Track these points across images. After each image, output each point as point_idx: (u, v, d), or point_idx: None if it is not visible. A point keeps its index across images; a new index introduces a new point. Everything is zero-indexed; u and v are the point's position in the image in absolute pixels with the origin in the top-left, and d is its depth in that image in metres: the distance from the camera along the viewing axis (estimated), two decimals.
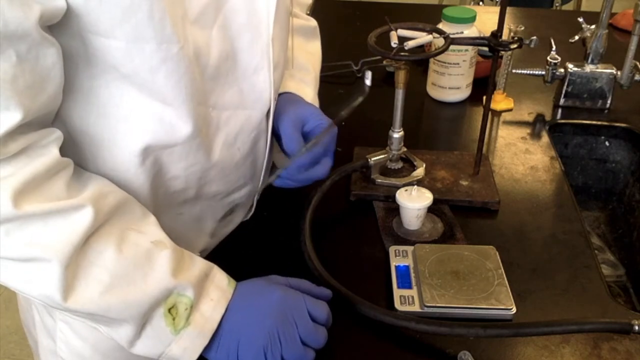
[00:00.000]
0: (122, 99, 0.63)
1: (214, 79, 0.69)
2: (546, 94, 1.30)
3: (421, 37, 0.88)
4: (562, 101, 1.26)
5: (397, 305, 0.78)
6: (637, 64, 1.19)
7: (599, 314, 0.80)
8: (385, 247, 0.88)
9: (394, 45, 0.86)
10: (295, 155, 0.78)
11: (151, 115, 0.65)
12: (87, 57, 0.60)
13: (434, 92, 1.28)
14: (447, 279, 0.80)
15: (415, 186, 0.93)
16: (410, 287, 0.80)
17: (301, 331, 0.67)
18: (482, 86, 1.13)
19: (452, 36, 0.90)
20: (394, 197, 0.92)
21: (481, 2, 2.80)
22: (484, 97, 0.97)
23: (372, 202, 0.98)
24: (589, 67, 1.23)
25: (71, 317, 0.75)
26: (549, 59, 1.23)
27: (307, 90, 0.89)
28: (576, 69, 1.23)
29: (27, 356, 1.93)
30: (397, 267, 0.83)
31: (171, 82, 0.63)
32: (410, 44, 0.86)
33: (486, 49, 0.92)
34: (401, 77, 0.91)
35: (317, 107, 0.87)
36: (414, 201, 0.90)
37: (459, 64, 1.22)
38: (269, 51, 0.72)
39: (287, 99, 0.84)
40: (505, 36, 1.03)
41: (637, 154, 1.21)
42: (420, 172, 1.01)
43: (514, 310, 0.77)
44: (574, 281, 0.84)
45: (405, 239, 0.90)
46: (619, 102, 1.26)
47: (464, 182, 1.00)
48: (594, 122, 1.22)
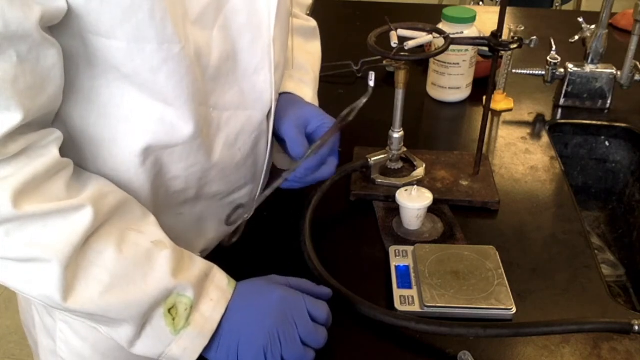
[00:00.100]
0: (122, 99, 0.63)
1: (215, 79, 0.69)
2: (546, 94, 1.30)
3: (421, 37, 0.88)
4: (562, 101, 1.26)
5: (397, 305, 0.78)
6: (637, 64, 1.19)
7: (599, 314, 0.80)
8: (385, 247, 0.88)
9: (394, 45, 0.86)
10: (302, 158, 0.78)
11: (152, 115, 0.65)
12: (87, 57, 0.60)
13: (434, 92, 1.28)
14: (447, 279, 0.80)
15: (415, 186, 0.93)
16: (410, 287, 0.80)
17: (301, 331, 0.67)
18: (482, 86, 1.13)
19: (452, 36, 0.90)
20: (394, 197, 0.92)
21: (481, 2, 2.80)
22: (484, 97, 0.97)
23: (372, 202, 0.98)
24: (589, 67, 1.23)
25: (71, 317, 0.75)
26: (549, 59, 1.22)
27: (306, 90, 0.89)
28: (576, 69, 1.23)
29: (27, 356, 1.93)
30: (397, 267, 0.83)
31: (172, 82, 0.63)
32: (410, 44, 0.86)
33: (486, 49, 0.92)
34: (401, 77, 0.91)
35: (317, 106, 0.87)
36: (414, 201, 0.90)
37: (459, 64, 1.22)
38: (269, 52, 0.72)
39: (287, 100, 0.83)
40: (505, 36, 1.03)
41: (637, 154, 1.21)
42: (420, 172, 1.01)
43: (514, 310, 0.77)
44: (574, 281, 0.84)
45: (405, 239, 0.90)
46: (619, 102, 1.26)
47: (464, 182, 1.00)
48: (594, 122, 1.22)
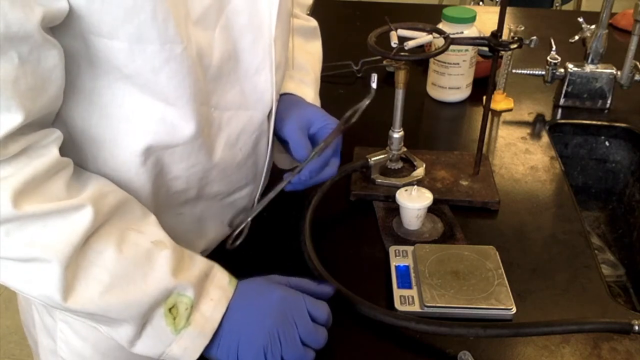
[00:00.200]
0: (124, 99, 0.63)
1: (216, 80, 0.69)
2: (546, 94, 1.30)
3: (421, 37, 0.88)
4: (562, 101, 1.26)
5: (397, 305, 0.78)
6: (637, 64, 1.19)
7: (599, 314, 0.80)
8: (385, 247, 0.88)
9: (394, 45, 0.86)
10: (305, 161, 0.77)
11: (153, 115, 0.65)
12: (89, 57, 0.60)
13: (434, 92, 1.28)
14: (447, 279, 0.80)
15: (415, 186, 0.93)
16: (410, 287, 0.80)
17: (301, 331, 0.67)
18: (482, 86, 1.13)
19: (452, 36, 0.90)
20: (394, 197, 0.92)
21: (481, 2, 2.80)
22: (484, 97, 0.97)
23: (372, 202, 0.98)
24: (589, 67, 1.23)
25: (71, 317, 0.75)
26: (549, 59, 1.22)
27: (306, 90, 0.88)
28: (576, 69, 1.23)
29: (27, 356, 1.93)
30: (397, 267, 0.83)
31: (174, 82, 0.63)
32: (410, 44, 0.86)
33: (486, 49, 0.92)
34: (401, 77, 0.91)
35: (319, 107, 0.87)
36: (414, 201, 0.90)
37: (459, 64, 1.22)
38: (271, 52, 0.72)
39: (289, 101, 0.83)
40: (505, 36, 1.03)
41: (637, 154, 1.21)
42: (420, 172, 1.01)
43: (514, 310, 0.77)
44: (574, 281, 0.84)
45: (405, 239, 0.90)
46: (619, 102, 1.26)
47: (464, 182, 1.00)
48: (594, 122, 1.22)
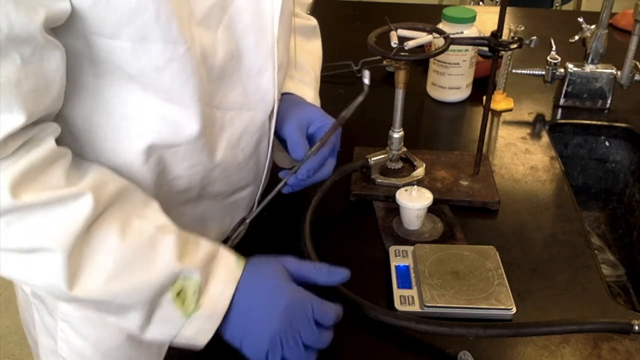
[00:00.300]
0: (127, 98, 0.63)
1: (219, 80, 0.69)
2: (546, 94, 1.30)
3: (421, 37, 0.88)
4: (562, 101, 1.26)
5: (397, 305, 0.78)
6: (637, 64, 1.19)
7: (599, 314, 0.80)
8: (385, 247, 0.88)
9: (394, 45, 0.86)
10: (302, 160, 0.77)
11: (156, 114, 0.65)
12: (91, 57, 0.60)
13: (434, 92, 1.28)
14: (447, 279, 0.80)
15: (415, 186, 0.93)
16: (410, 287, 0.80)
17: (304, 338, 0.66)
18: (482, 86, 1.13)
19: (452, 36, 0.90)
20: (394, 197, 0.92)
21: (481, 2, 2.81)
22: (484, 97, 0.97)
23: (372, 202, 0.98)
24: (589, 67, 1.23)
25: (77, 310, 0.74)
26: (549, 59, 1.22)
27: (306, 90, 0.88)
28: (576, 69, 1.23)
29: (27, 356, 1.93)
30: (397, 267, 0.83)
31: (177, 82, 0.63)
32: (410, 44, 0.86)
33: (486, 49, 0.92)
34: (401, 77, 0.91)
35: (319, 107, 0.87)
36: (414, 201, 0.90)
37: (459, 64, 1.22)
38: (273, 52, 0.72)
39: (289, 100, 0.83)
40: (505, 36, 1.03)
41: (637, 154, 1.21)
42: (420, 172, 1.01)
43: (514, 310, 0.77)
44: (574, 281, 0.84)
45: (405, 239, 0.90)
46: (619, 102, 1.26)
47: (464, 182, 1.00)
48: (594, 122, 1.22)
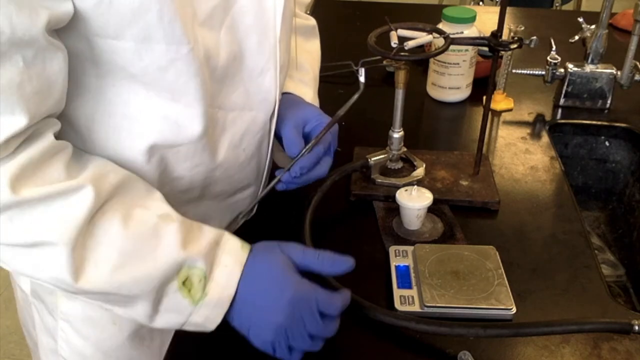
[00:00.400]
0: (129, 98, 0.63)
1: (222, 80, 0.69)
2: (546, 94, 1.29)
3: (421, 37, 0.88)
4: (562, 101, 1.26)
5: (397, 305, 0.78)
6: (637, 64, 1.19)
7: (599, 314, 0.80)
8: (385, 247, 0.88)
9: (394, 45, 0.86)
10: (296, 157, 0.78)
11: (158, 114, 0.65)
12: (93, 57, 0.60)
13: (434, 92, 1.28)
14: (447, 279, 0.80)
15: (415, 186, 0.93)
16: (410, 287, 0.80)
17: (309, 329, 0.66)
18: (482, 86, 1.13)
19: (452, 36, 0.90)
20: (394, 197, 0.92)
21: (481, 2, 2.81)
22: (484, 97, 0.97)
23: (372, 202, 0.98)
24: (589, 67, 1.23)
25: (85, 301, 0.73)
26: (549, 59, 1.22)
27: (305, 90, 0.89)
28: (576, 69, 1.23)
29: (27, 356, 1.93)
30: (397, 267, 0.83)
31: (180, 81, 0.63)
32: (410, 44, 0.86)
33: (486, 49, 0.92)
34: (401, 77, 0.91)
35: (317, 106, 0.87)
36: (414, 201, 0.90)
37: (459, 64, 1.22)
38: (275, 52, 0.72)
39: (288, 100, 0.83)
40: (505, 36, 1.03)
41: (637, 154, 1.21)
42: (420, 172, 1.01)
43: (514, 310, 0.77)
44: (574, 281, 0.84)
45: (405, 239, 0.90)
46: (619, 102, 1.26)
47: (464, 182, 1.00)
48: (594, 122, 1.22)
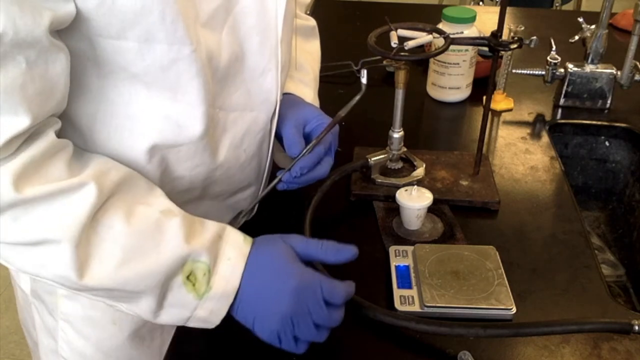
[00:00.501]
0: (130, 98, 0.64)
1: (223, 81, 0.69)
2: (546, 94, 1.29)
3: (421, 37, 0.88)
4: (562, 101, 1.26)
5: (397, 305, 0.78)
6: (637, 64, 1.19)
7: (599, 314, 0.80)
8: (385, 247, 0.88)
9: (394, 45, 0.86)
10: (297, 157, 0.78)
11: (160, 114, 0.65)
12: (95, 58, 0.60)
13: (434, 92, 1.28)
14: (447, 279, 0.80)
15: (415, 186, 0.93)
16: (410, 287, 0.80)
17: (315, 318, 0.66)
18: (482, 86, 1.13)
19: (452, 36, 0.90)
20: (394, 197, 0.92)
21: (481, 2, 2.81)
22: (484, 97, 0.97)
23: (372, 202, 0.98)
24: (589, 67, 1.23)
25: (90, 296, 0.73)
26: (549, 59, 1.22)
27: (306, 90, 0.89)
28: (576, 69, 1.23)
29: (27, 356, 1.93)
30: (397, 267, 0.83)
31: (182, 81, 0.63)
32: (410, 44, 0.86)
33: (486, 49, 0.92)
34: (401, 77, 0.91)
35: (317, 107, 0.87)
36: (414, 201, 0.90)
37: (459, 64, 1.22)
38: (277, 53, 0.72)
39: (288, 100, 0.84)
40: (505, 36, 1.03)
41: (637, 154, 1.21)
42: (420, 172, 1.01)
43: (514, 310, 0.77)
44: (574, 281, 0.84)
45: (405, 239, 0.90)
46: (619, 102, 1.26)
47: (464, 182, 1.00)
48: (594, 122, 1.22)
